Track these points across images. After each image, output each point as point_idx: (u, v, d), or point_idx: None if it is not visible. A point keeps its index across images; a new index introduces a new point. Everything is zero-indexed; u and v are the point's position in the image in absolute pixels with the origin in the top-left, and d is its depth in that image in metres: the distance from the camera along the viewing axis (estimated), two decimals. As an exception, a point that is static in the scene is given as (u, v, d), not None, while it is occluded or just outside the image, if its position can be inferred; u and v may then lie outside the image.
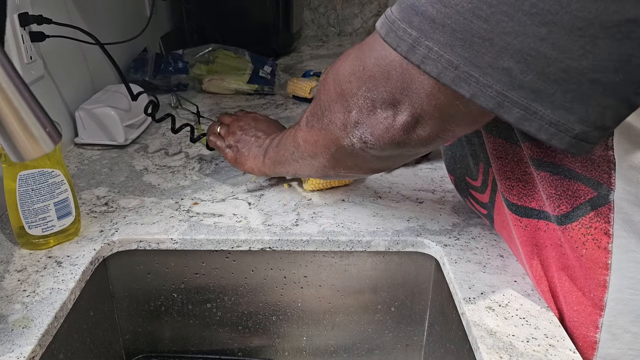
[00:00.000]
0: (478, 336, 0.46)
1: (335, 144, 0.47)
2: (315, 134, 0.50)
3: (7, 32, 0.69)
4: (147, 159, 0.82)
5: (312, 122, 0.50)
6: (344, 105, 0.44)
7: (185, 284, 0.64)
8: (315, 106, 0.50)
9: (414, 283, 0.63)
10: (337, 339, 0.68)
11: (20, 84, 0.35)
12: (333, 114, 0.46)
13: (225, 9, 1.38)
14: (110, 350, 0.63)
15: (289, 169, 0.60)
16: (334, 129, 0.46)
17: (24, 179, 0.55)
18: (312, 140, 0.51)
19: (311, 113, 0.51)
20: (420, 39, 0.35)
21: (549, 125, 0.33)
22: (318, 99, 0.49)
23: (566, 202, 0.44)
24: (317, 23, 1.78)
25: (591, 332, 0.44)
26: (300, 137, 0.54)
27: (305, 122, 0.52)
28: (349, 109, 0.43)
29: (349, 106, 0.43)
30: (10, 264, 0.56)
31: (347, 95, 0.43)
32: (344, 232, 0.61)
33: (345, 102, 0.43)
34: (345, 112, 0.44)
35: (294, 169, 0.59)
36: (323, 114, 0.47)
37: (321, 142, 0.50)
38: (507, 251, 0.58)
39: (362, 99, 0.42)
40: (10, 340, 0.45)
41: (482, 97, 0.34)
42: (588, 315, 0.44)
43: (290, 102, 1.10)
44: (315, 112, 0.49)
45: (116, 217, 0.65)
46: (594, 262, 0.43)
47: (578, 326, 0.46)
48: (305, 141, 0.53)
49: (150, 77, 1.11)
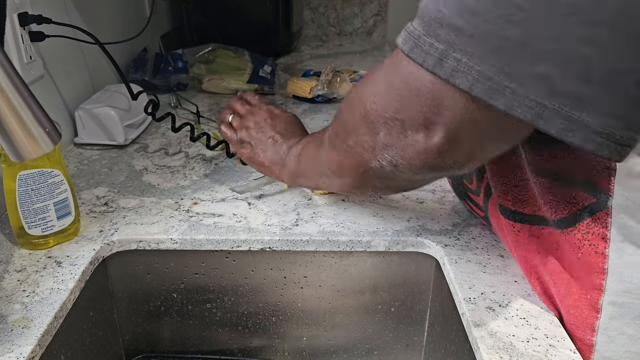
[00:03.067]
0: (478, 336, 0.46)
1: (363, 167, 0.45)
2: (341, 156, 0.48)
3: (6, 31, 0.69)
4: (147, 158, 0.82)
5: (336, 143, 0.48)
6: (370, 127, 0.41)
7: (185, 284, 0.64)
8: (338, 127, 0.48)
9: (414, 283, 0.63)
10: (337, 339, 0.68)
11: (20, 84, 0.35)
12: (359, 136, 0.43)
13: (225, 8, 1.38)
14: (110, 351, 0.63)
15: (311, 183, 0.59)
16: (361, 152, 0.44)
17: (24, 179, 0.54)
18: (337, 161, 0.49)
19: (334, 133, 0.49)
20: (447, 51, 0.33)
21: (596, 134, 0.31)
22: (341, 119, 0.47)
23: (565, 208, 0.44)
24: (317, 23, 1.78)
25: (588, 334, 0.44)
26: (324, 156, 0.51)
27: (328, 141, 0.50)
28: (376, 131, 0.41)
29: (376, 128, 0.41)
30: (10, 264, 0.56)
31: (374, 117, 0.41)
32: (344, 232, 0.61)
33: (371, 124, 0.41)
34: (372, 135, 0.41)
35: (316, 183, 0.58)
36: (348, 135, 0.45)
37: (348, 163, 0.47)
38: (507, 251, 0.58)
39: (391, 121, 0.39)
40: (10, 341, 0.45)
41: (518, 108, 0.32)
42: (585, 318, 0.44)
43: (290, 102, 1.10)
44: (339, 133, 0.47)
45: (116, 217, 0.64)
46: (591, 265, 0.43)
47: (575, 329, 0.46)
48: (330, 161, 0.50)
49: (150, 77, 1.10)
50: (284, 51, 1.51)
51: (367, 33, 1.78)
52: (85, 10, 0.91)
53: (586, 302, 0.44)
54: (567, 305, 0.46)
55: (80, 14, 0.90)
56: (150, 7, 1.14)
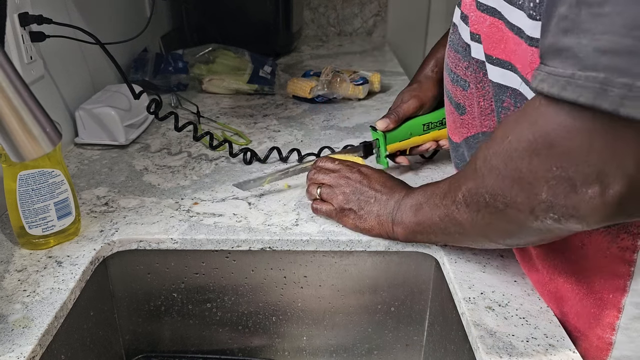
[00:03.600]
0: (478, 336, 0.47)
1: (520, 227, 0.41)
2: (487, 218, 0.43)
3: (7, 32, 0.69)
4: (147, 158, 0.82)
5: (477, 205, 0.43)
6: (525, 188, 0.37)
7: (185, 283, 0.64)
8: (475, 187, 0.43)
9: (414, 283, 0.63)
10: (337, 338, 0.68)
11: (21, 84, 0.35)
12: (510, 199, 0.39)
13: (225, 8, 1.38)
14: (110, 350, 0.63)
15: (437, 239, 0.55)
16: (516, 215, 0.40)
17: (24, 179, 0.55)
18: (481, 224, 0.44)
19: (471, 194, 0.44)
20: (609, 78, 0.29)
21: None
22: (478, 179, 0.42)
23: None
24: (317, 23, 1.78)
25: (607, 333, 0.45)
26: (461, 218, 0.47)
27: (463, 202, 0.45)
28: (534, 192, 0.37)
29: (534, 190, 0.37)
30: (11, 263, 0.56)
31: (529, 178, 0.37)
32: (344, 232, 0.61)
33: (527, 185, 0.37)
34: (530, 196, 0.37)
35: (444, 240, 0.54)
36: (494, 197, 0.41)
37: (497, 225, 0.43)
38: (507, 251, 0.58)
39: (554, 180, 0.35)
40: (11, 340, 0.46)
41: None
42: (605, 317, 0.45)
43: (290, 102, 1.10)
44: (478, 194, 0.43)
45: (116, 217, 0.65)
46: (617, 267, 0.43)
47: (594, 326, 0.46)
48: (471, 224, 0.46)
49: (150, 77, 1.11)
50: (284, 51, 1.51)
51: (367, 33, 1.78)
52: (85, 11, 0.91)
53: (608, 302, 0.44)
54: (587, 303, 0.46)
55: (81, 14, 0.90)
56: (151, 8, 1.14)
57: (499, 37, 0.46)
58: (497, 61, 0.48)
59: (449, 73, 0.57)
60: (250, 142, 0.88)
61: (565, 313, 0.49)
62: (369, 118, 0.99)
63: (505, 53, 0.46)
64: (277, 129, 0.95)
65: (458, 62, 0.55)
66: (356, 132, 0.93)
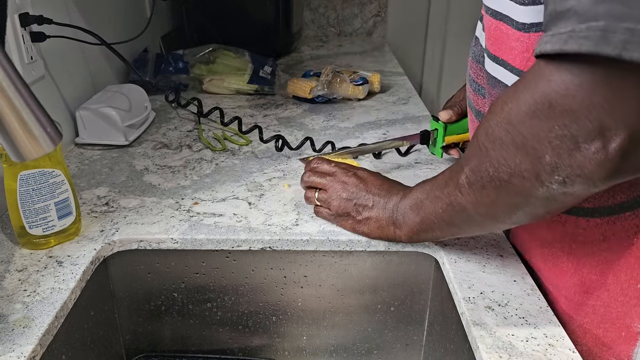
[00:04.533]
0: (477, 336, 0.47)
1: (526, 197, 0.40)
2: (492, 194, 0.42)
3: (7, 32, 0.69)
4: (148, 158, 0.82)
5: (481, 182, 0.43)
6: (528, 153, 0.37)
7: (186, 283, 0.64)
8: (479, 163, 0.42)
9: (414, 283, 0.63)
10: (337, 338, 0.68)
11: (21, 84, 0.35)
12: (514, 167, 0.39)
13: (225, 9, 1.38)
14: (110, 350, 0.63)
15: (442, 234, 0.54)
16: (521, 183, 0.39)
17: (25, 179, 0.55)
18: (487, 202, 0.44)
19: (474, 172, 0.43)
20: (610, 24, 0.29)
21: None
22: (482, 154, 0.42)
23: (623, 193, 0.43)
24: (317, 23, 1.78)
25: (635, 322, 0.45)
26: (465, 202, 0.46)
27: (466, 182, 0.45)
28: (537, 155, 0.37)
29: (537, 153, 0.37)
30: (11, 263, 0.56)
31: (532, 141, 0.36)
32: (344, 232, 0.61)
33: (530, 149, 0.37)
34: (533, 161, 0.37)
35: (450, 233, 0.53)
36: (497, 169, 0.40)
37: (503, 200, 0.42)
38: (507, 251, 0.58)
39: (557, 140, 0.35)
40: (11, 340, 0.46)
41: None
42: (633, 307, 0.45)
43: (290, 102, 1.10)
44: (482, 169, 0.42)
45: (117, 217, 0.65)
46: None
47: (622, 316, 0.46)
48: (476, 205, 0.45)
49: (151, 77, 1.11)
50: (284, 52, 1.51)
51: (367, 34, 1.78)
52: (86, 11, 0.92)
53: (636, 290, 0.44)
54: (614, 293, 0.47)
55: (81, 15, 0.90)
56: (151, 8, 1.14)
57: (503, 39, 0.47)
58: (494, 57, 0.49)
59: (471, 83, 0.58)
60: (250, 142, 0.88)
61: (591, 305, 0.50)
62: (368, 118, 1.00)
63: (502, 51, 0.47)
64: (277, 129, 0.95)
65: (479, 72, 0.56)
66: (356, 132, 0.93)
